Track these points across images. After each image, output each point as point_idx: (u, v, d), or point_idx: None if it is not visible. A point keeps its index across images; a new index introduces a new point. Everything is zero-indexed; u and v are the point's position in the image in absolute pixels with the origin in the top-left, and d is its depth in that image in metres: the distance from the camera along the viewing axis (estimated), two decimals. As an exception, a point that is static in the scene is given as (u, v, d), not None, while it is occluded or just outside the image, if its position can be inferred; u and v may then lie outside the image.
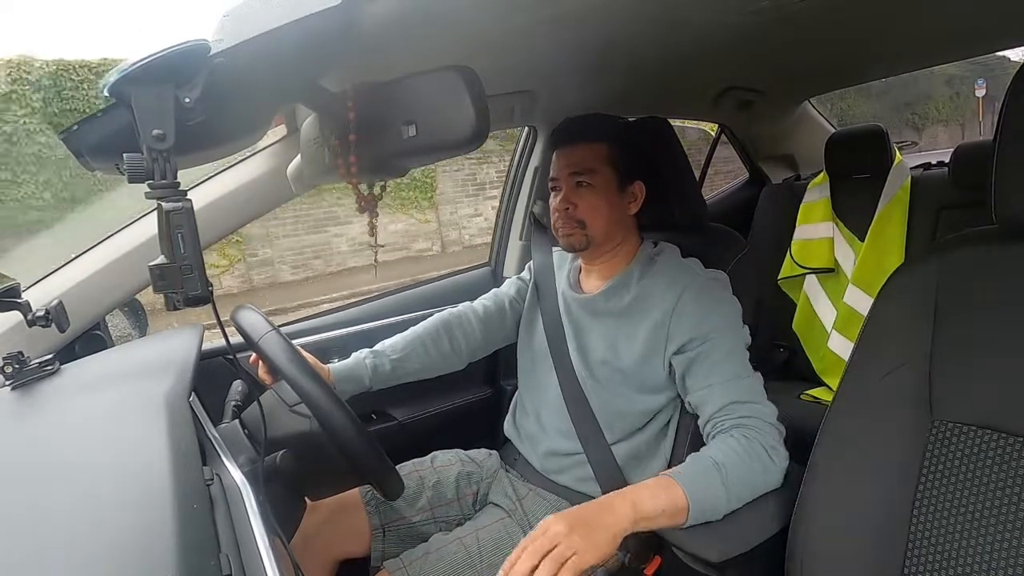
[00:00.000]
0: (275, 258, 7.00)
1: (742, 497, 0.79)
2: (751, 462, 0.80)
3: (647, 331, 0.94)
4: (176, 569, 0.39)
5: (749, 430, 0.83)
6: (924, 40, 1.27)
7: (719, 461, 0.79)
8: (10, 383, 0.71)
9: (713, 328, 0.90)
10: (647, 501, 0.74)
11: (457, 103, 0.58)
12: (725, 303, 0.93)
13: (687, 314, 0.91)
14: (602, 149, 0.98)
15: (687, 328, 0.90)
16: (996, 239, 0.71)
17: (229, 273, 6.73)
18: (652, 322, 0.93)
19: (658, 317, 0.93)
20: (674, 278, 0.94)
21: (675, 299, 0.92)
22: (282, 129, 1.09)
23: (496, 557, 0.93)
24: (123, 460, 0.55)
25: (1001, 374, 0.66)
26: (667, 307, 0.92)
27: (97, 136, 0.59)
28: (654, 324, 0.93)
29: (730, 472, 0.78)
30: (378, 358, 1.07)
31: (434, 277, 1.66)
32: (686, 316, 0.91)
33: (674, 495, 0.76)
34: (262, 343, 0.81)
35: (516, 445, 1.13)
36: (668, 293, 0.93)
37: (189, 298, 0.51)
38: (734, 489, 0.78)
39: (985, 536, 0.63)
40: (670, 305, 0.92)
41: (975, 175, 1.47)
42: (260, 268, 6.96)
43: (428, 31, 0.76)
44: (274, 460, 0.74)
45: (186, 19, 20.30)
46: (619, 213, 1.00)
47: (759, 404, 0.86)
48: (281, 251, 6.98)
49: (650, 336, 0.93)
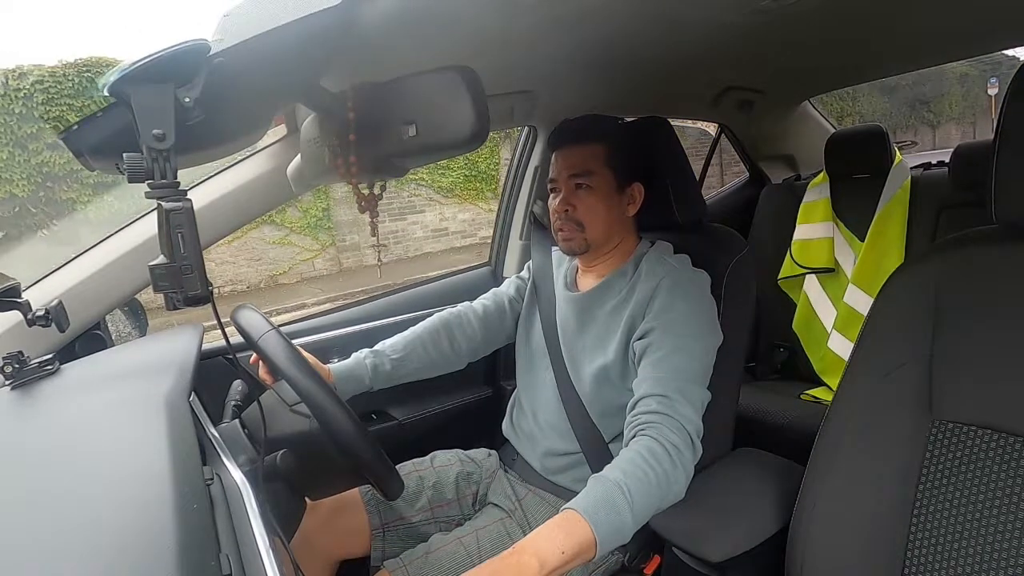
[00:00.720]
0: (361, 243, 7.65)
1: (647, 514, 0.74)
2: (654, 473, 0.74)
3: (624, 322, 0.95)
4: (176, 569, 0.39)
5: (654, 427, 0.78)
6: (924, 40, 1.27)
7: (622, 483, 0.72)
8: (10, 383, 0.71)
9: (672, 321, 0.88)
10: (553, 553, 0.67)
11: (457, 103, 0.58)
12: (696, 301, 0.92)
13: (655, 304, 0.91)
14: (600, 151, 0.99)
15: (651, 316, 0.90)
16: (996, 239, 0.71)
17: (321, 256, 7.48)
18: (629, 313, 0.94)
19: (634, 308, 0.94)
20: (652, 271, 0.95)
21: (651, 291, 0.93)
22: (282, 129, 1.09)
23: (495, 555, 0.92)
24: (123, 460, 0.55)
25: (1001, 374, 0.66)
26: (643, 298, 0.93)
27: (97, 136, 0.59)
28: (630, 314, 0.94)
29: (634, 492, 0.72)
30: (378, 358, 1.07)
31: (434, 277, 1.66)
32: (655, 304, 0.91)
33: (579, 533, 0.69)
34: (262, 343, 0.81)
35: (515, 445, 1.13)
36: (645, 286, 0.94)
37: (189, 298, 0.51)
38: (639, 509, 0.72)
39: (985, 536, 0.63)
40: (645, 296, 0.93)
41: (975, 175, 1.47)
42: (348, 252, 7.62)
43: (428, 31, 0.76)
44: (274, 460, 0.74)
45: (186, 19, 20.33)
46: (617, 214, 1.01)
47: (677, 402, 0.81)
48: (367, 236, 7.63)
49: (625, 326, 0.94)
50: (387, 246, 7.90)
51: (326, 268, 7.51)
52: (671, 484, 0.75)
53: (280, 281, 7.27)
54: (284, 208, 6.93)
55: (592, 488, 0.74)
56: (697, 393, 0.84)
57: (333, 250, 7.60)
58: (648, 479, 0.73)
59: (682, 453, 0.77)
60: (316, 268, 7.40)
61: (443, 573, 0.91)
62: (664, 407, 0.81)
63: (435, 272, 5.55)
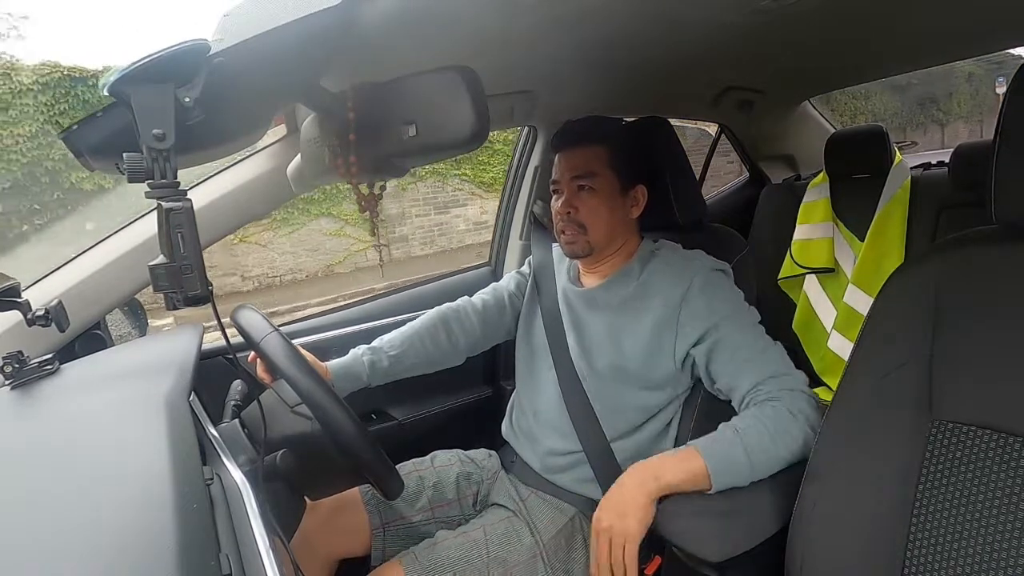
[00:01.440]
0: (409, 235, 8.15)
1: (768, 463, 0.81)
2: (775, 428, 0.81)
3: (652, 325, 0.94)
4: (176, 569, 0.39)
5: (778, 401, 0.84)
6: (924, 40, 1.27)
7: (739, 428, 0.81)
8: (10, 383, 0.71)
9: (725, 313, 0.91)
10: (667, 473, 0.79)
11: (457, 103, 0.58)
12: (730, 289, 0.95)
13: (697, 305, 0.91)
14: (603, 152, 0.98)
15: (700, 319, 0.91)
16: (996, 239, 0.71)
17: (371, 248, 7.98)
18: (657, 316, 0.93)
19: (664, 311, 0.93)
20: (680, 270, 0.95)
21: (683, 291, 0.92)
22: (282, 129, 1.09)
23: (502, 551, 0.92)
24: (123, 460, 0.55)
25: (1001, 374, 0.66)
26: (674, 300, 0.92)
27: (97, 136, 0.59)
28: (660, 318, 0.93)
29: (751, 439, 0.80)
30: (375, 354, 1.06)
31: (434, 276, 1.66)
32: (697, 307, 0.91)
33: (694, 465, 0.79)
34: (262, 344, 0.81)
35: (515, 447, 1.13)
36: (675, 286, 0.93)
37: (188, 298, 0.51)
38: (757, 456, 0.80)
39: (985, 536, 0.63)
40: (677, 298, 0.92)
41: (975, 175, 1.47)
42: (398, 243, 8.06)
43: (428, 31, 0.76)
44: (274, 460, 0.74)
45: (186, 19, 20.31)
46: (620, 217, 1.00)
47: (788, 375, 0.87)
48: (413, 228, 8.17)
49: (656, 330, 0.93)
50: (431, 239, 8.37)
51: (376, 259, 8.09)
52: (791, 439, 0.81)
53: (336, 271, 7.75)
54: (340, 201, 7.43)
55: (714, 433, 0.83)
56: (782, 356, 0.90)
57: (384, 241, 8.20)
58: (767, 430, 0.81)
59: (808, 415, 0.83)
60: (368, 258, 7.97)
61: (453, 560, 0.90)
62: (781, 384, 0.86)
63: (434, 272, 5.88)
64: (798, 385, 0.87)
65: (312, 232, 7.49)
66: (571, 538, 0.97)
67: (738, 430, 0.81)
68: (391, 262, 7.93)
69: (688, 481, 0.79)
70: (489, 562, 0.91)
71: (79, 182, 5.77)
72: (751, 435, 0.80)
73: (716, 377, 0.91)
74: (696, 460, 0.79)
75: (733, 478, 0.79)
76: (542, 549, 0.94)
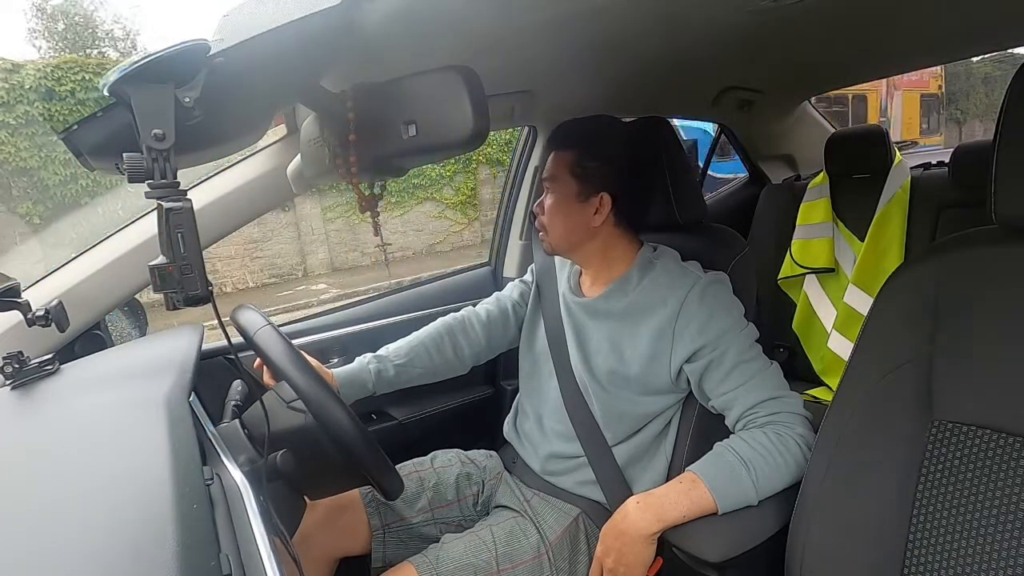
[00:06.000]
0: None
1: (771, 491, 0.81)
2: (779, 457, 0.81)
3: (651, 334, 0.93)
4: (176, 569, 0.39)
5: (779, 426, 0.84)
6: (924, 39, 1.27)
7: (746, 458, 0.81)
8: (10, 383, 0.71)
9: (721, 332, 0.89)
10: (671, 511, 0.80)
11: (457, 103, 0.58)
12: (729, 304, 0.93)
13: (693, 319, 0.90)
14: (568, 158, 0.97)
15: (694, 334, 0.89)
16: (996, 239, 0.71)
17: (468, 229, 8.93)
18: (655, 325, 0.93)
19: (661, 321, 0.92)
20: (675, 282, 0.93)
21: (679, 303, 0.91)
22: (282, 129, 1.09)
23: (510, 548, 0.93)
24: (123, 460, 0.55)
25: (1001, 374, 0.66)
26: (671, 311, 0.91)
27: (97, 136, 0.59)
28: (658, 327, 0.92)
29: (758, 469, 0.80)
30: (382, 363, 1.07)
31: (434, 276, 1.66)
32: (692, 321, 0.90)
33: (701, 502, 0.80)
34: (263, 345, 0.80)
35: (516, 448, 1.13)
36: (671, 297, 0.92)
37: (189, 298, 0.51)
38: (762, 485, 0.80)
39: (985, 536, 0.63)
40: (674, 309, 0.91)
41: (975, 175, 1.47)
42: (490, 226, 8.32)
43: (428, 31, 0.76)
44: (274, 460, 0.74)
45: (186, 19, 20.28)
46: (577, 222, 0.97)
47: (785, 398, 0.87)
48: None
49: (654, 339, 0.93)
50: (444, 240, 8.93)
51: (471, 240, 8.99)
52: (797, 466, 0.82)
53: (437, 249, 8.69)
54: (442, 186, 8.48)
55: (713, 459, 0.84)
56: (777, 378, 0.89)
57: (477, 224, 9.00)
58: (772, 460, 0.81)
59: (808, 439, 0.84)
60: (464, 239, 8.92)
61: (462, 558, 0.91)
62: (778, 407, 0.86)
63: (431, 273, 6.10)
64: (795, 408, 0.86)
65: (419, 214, 8.50)
66: (575, 539, 0.97)
67: (744, 460, 0.81)
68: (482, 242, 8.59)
69: (693, 515, 0.80)
70: (498, 559, 0.91)
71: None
72: (758, 465, 0.81)
73: (710, 395, 0.90)
74: (704, 498, 0.80)
75: (738, 505, 0.80)
76: (547, 549, 0.94)
